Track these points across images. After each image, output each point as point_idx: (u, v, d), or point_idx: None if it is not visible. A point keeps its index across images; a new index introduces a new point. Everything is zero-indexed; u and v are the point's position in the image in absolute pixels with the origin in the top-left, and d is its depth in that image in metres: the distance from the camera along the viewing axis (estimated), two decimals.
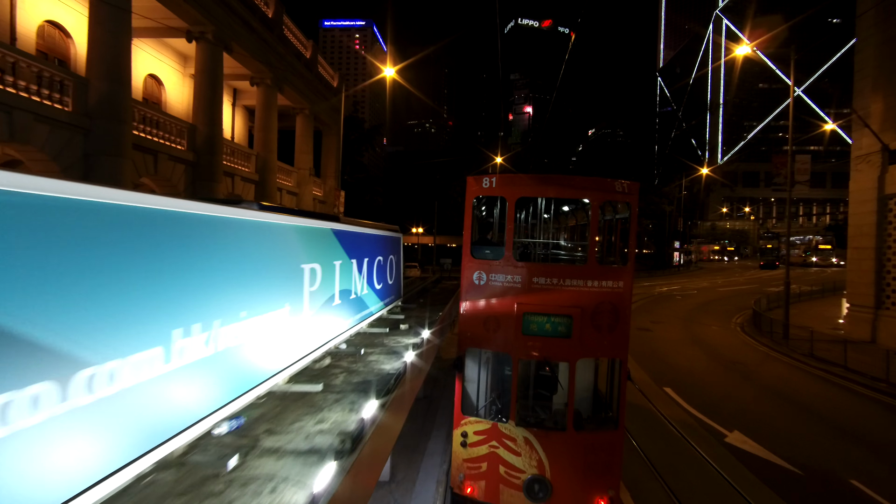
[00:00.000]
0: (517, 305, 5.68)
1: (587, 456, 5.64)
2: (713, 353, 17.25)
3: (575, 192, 6.25)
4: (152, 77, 19.73)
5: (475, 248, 6.09)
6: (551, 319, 5.64)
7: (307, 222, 4.41)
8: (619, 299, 5.67)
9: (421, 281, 15.30)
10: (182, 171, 16.51)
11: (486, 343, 5.85)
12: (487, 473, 5.69)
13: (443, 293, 11.97)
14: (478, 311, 5.82)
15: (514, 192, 6.05)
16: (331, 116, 28.90)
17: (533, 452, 5.61)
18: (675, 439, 9.35)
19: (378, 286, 5.94)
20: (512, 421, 5.70)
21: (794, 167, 19.23)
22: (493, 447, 5.70)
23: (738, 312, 27.01)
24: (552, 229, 7.26)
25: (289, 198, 25.01)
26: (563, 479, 5.55)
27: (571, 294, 5.66)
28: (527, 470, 5.61)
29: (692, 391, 12.41)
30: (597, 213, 5.91)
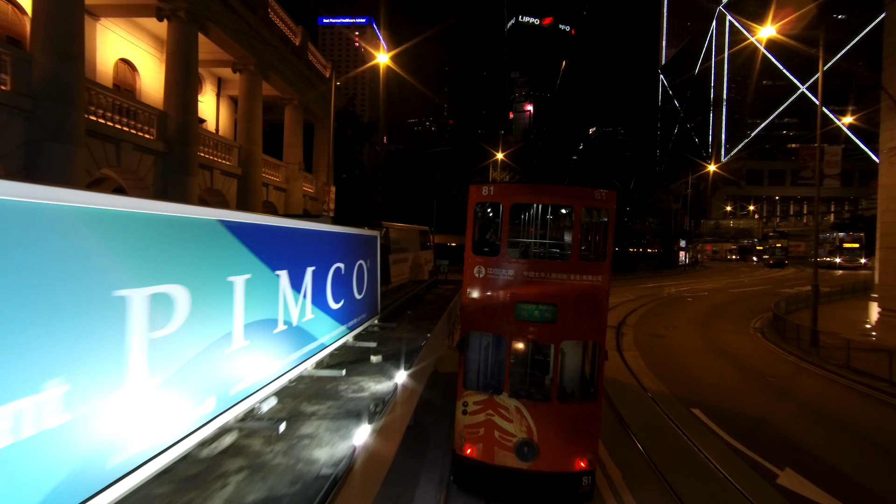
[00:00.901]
0: (510, 295, 6.68)
1: (569, 423, 6.62)
2: (738, 363, 15.64)
3: (560, 199, 7.33)
4: (125, 62, 18.11)
5: (476, 246, 7.00)
6: (539, 307, 6.63)
7: (137, 207, 2.32)
8: (598, 290, 6.65)
9: (413, 285, 13.65)
10: (151, 162, 14.90)
11: (485, 327, 6.82)
12: (484, 437, 6.65)
13: (437, 302, 10.23)
14: (478, 300, 6.76)
15: (508, 199, 6.92)
16: (323, 109, 27.25)
17: (523, 420, 6.58)
18: (717, 481, 7.74)
19: (336, 305, 4.08)
20: (505, 393, 6.67)
21: (821, 160, 17.56)
22: (490, 415, 6.65)
23: (755, 316, 25.40)
24: (543, 231, 8.20)
25: (276, 194, 23.40)
26: (547, 442, 6.53)
27: (557, 286, 6.64)
28: (517, 434, 6.58)
29: (725, 414, 10.80)
30: (579, 217, 6.85)
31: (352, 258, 4.45)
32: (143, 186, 14.89)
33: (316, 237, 3.57)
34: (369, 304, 5.12)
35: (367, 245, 5.01)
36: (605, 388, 11.99)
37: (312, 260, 3.43)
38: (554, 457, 6.56)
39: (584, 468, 6.62)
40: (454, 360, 13.54)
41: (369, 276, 5.03)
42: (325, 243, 3.74)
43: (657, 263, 61.39)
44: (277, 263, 2.99)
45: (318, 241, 3.61)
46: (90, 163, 12.62)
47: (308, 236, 3.50)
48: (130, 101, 14.07)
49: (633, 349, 17.00)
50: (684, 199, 56.99)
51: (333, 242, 3.99)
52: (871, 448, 9.37)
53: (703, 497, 7.26)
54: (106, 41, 16.72)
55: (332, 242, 3.97)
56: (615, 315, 24.16)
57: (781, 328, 20.25)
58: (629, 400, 11.50)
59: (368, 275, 5.02)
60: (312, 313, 3.43)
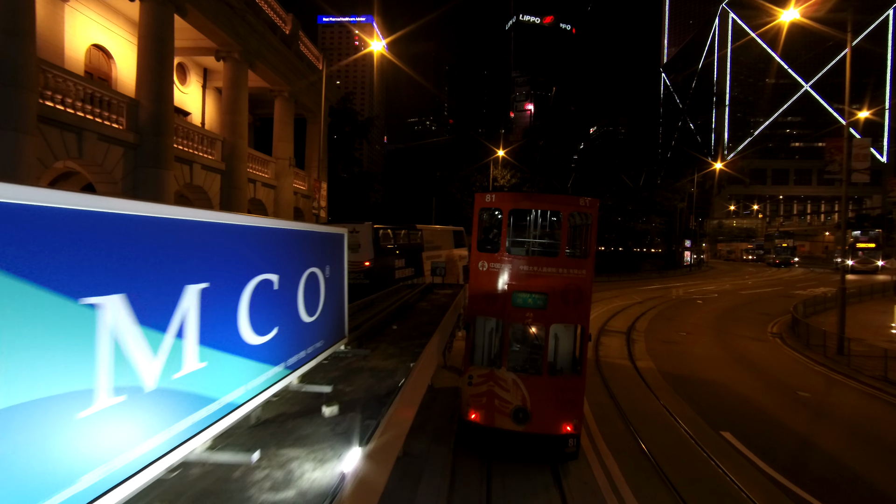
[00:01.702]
0: (508, 285, 7.84)
1: (557, 394, 7.61)
2: (762, 375, 14.30)
3: (551, 205, 8.54)
4: (98, 48, 16.81)
5: (480, 245, 8.29)
6: (532, 296, 7.73)
7: None
8: (583, 282, 7.73)
9: (407, 290, 12.31)
10: (120, 154, 13.59)
11: (487, 312, 8.06)
12: (486, 404, 7.71)
13: (430, 312, 8.55)
14: (481, 290, 7.97)
15: (507, 205, 8.24)
16: (316, 102, 25.91)
17: (518, 390, 7.59)
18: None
19: (261, 338, 2.68)
20: (504, 367, 7.74)
21: (849, 155, 16.25)
22: (491, 386, 7.70)
23: (770, 319, 24.06)
24: (537, 231, 9.30)
25: (265, 191, 22.09)
26: (539, 409, 7.54)
27: (547, 278, 7.73)
28: (513, 402, 7.59)
29: (759, 438, 9.47)
30: (566, 220, 7.92)
31: (295, 266, 3.09)
32: (111, 181, 13.58)
33: (213, 235, 2.19)
34: (329, 326, 3.77)
35: (327, 247, 3.66)
36: (620, 406, 10.68)
37: (203, 271, 2.10)
38: (544, 421, 7.65)
39: (570, 432, 7.70)
40: (451, 375, 12.14)
41: (329, 290, 3.69)
42: (234, 246, 2.37)
43: (662, 264, 60.03)
44: (93, 283, 1.66)
45: (220, 243, 2.23)
46: (46, 153, 11.31)
47: (191, 234, 2.07)
48: (94, 87, 12.76)
49: (646, 358, 15.68)
50: (689, 198, 55.60)
51: (255, 245, 2.59)
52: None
53: None
54: (76, 25, 15.42)
55: (254, 244, 2.58)
56: (624, 319, 22.84)
57: (804, 334, 18.90)
58: (651, 421, 10.18)
59: (328, 288, 3.68)
60: (203, 359, 2.09)
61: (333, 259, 3.77)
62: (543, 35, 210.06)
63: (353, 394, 3.51)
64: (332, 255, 3.78)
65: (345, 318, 4.11)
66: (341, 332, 4.04)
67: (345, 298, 4.07)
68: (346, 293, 4.07)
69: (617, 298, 30.58)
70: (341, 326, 4.02)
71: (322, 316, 3.49)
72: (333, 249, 3.83)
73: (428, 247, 19.72)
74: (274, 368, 2.78)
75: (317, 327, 3.40)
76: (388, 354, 4.81)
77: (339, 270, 3.93)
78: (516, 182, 49.23)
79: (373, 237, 15.66)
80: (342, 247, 4.05)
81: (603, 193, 49.70)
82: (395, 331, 6.39)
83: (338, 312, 3.91)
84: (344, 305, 4.07)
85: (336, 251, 3.89)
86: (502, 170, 48.21)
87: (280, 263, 2.87)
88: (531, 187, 49.25)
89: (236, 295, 2.41)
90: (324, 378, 3.77)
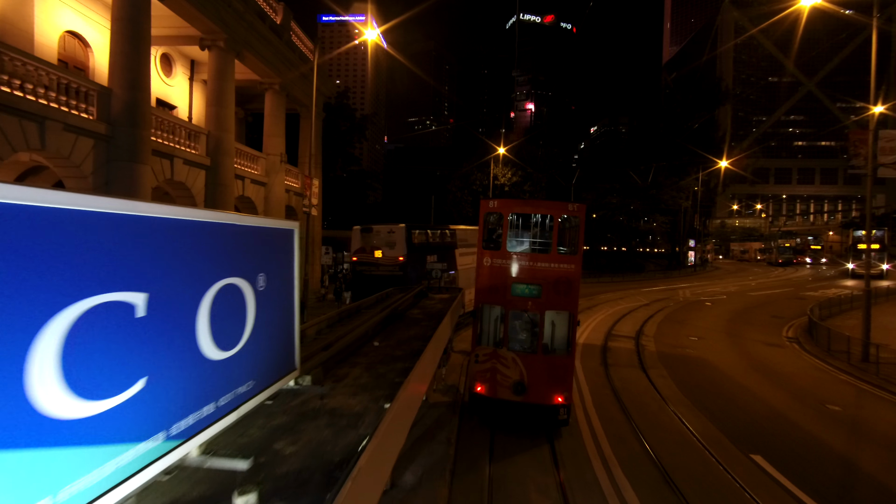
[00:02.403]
0: (508, 278, 9.46)
1: (549, 370, 9.18)
2: (786, 385, 13.22)
3: (544, 210, 10.07)
4: (73, 35, 15.77)
5: (485, 243, 9.93)
6: (528, 286, 9.35)
7: None
8: (572, 274, 9.27)
9: (399, 294, 11.24)
10: (89, 146, 12.54)
11: (491, 300, 9.62)
12: (490, 378, 9.34)
13: (422, 323, 7.70)
14: (487, 281, 9.63)
15: (507, 209, 9.97)
16: (309, 96, 24.83)
17: (517, 366, 9.21)
18: None
19: (125, 394, 1.67)
20: (505, 347, 9.35)
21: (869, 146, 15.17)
22: (494, 363, 9.33)
23: (783, 322, 22.99)
24: (533, 232, 10.25)
25: (254, 188, 21.02)
26: (534, 382, 9.12)
27: (541, 271, 9.33)
28: (513, 376, 9.19)
29: (794, 461, 8.41)
30: (557, 222, 9.51)
31: (188, 275, 2.02)
32: (80, 175, 12.53)
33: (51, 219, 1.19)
34: (264, 360, 2.68)
35: (265, 248, 2.60)
36: (635, 422, 9.64)
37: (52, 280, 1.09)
38: (538, 393, 9.01)
39: (561, 402, 8.98)
40: (444, 392, 11.07)
41: (265, 308, 2.60)
42: (34, 246, 1.38)
43: (666, 264, 58.92)
44: None
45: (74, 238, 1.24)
46: (1, 144, 10.27)
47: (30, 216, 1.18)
48: (60, 72, 11.70)
49: (659, 367, 14.61)
50: (694, 197, 54.48)
51: (94, 245, 1.54)
52: None
53: None
54: (47, 9, 14.38)
55: (88, 245, 1.50)
56: (631, 323, 21.77)
57: (823, 339, 17.82)
58: (670, 441, 9.11)
59: (264, 305, 2.59)
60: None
61: (275, 264, 2.70)
62: (544, 34, 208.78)
63: (293, 461, 2.39)
64: (273, 258, 2.71)
65: (294, 344, 3.03)
66: (288, 364, 2.97)
67: (294, 317, 3.00)
68: (295, 309, 3.00)
69: (622, 300, 29.50)
70: (288, 355, 2.95)
71: (251, 346, 2.43)
72: (275, 251, 2.75)
73: (461, 244, 22.65)
74: (133, 447, 1.71)
75: (239, 364, 2.35)
76: (360, 387, 3.68)
77: (285, 279, 2.87)
78: (518, 180, 48.15)
79: (406, 236, 17.78)
80: (291, 247, 2.98)
81: (607, 192, 48.63)
82: (375, 349, 5.27)
83: (282, 337, 2.85)
84: (293, 326, 2.99)
85: (280, 254, 2.81)
86: (503, 168, 47.11)
87: (152, 273, 1.80)
88: (533, 186, 48.15)
89: (28, 334, 1.32)
90: (255, 434, 2.67)
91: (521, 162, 46.48)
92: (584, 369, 13.97)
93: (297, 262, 3.03)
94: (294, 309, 3.02)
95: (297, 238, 3.05)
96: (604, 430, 9.46)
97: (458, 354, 14.33)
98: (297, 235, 3.06)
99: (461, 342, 16.62)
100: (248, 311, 2.49)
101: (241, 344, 2.42)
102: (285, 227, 2.99)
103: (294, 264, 3.01)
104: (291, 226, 3.05)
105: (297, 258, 3.03)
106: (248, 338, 2.48)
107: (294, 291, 3.02)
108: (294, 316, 3.03)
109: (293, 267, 3.01)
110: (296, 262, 3.02)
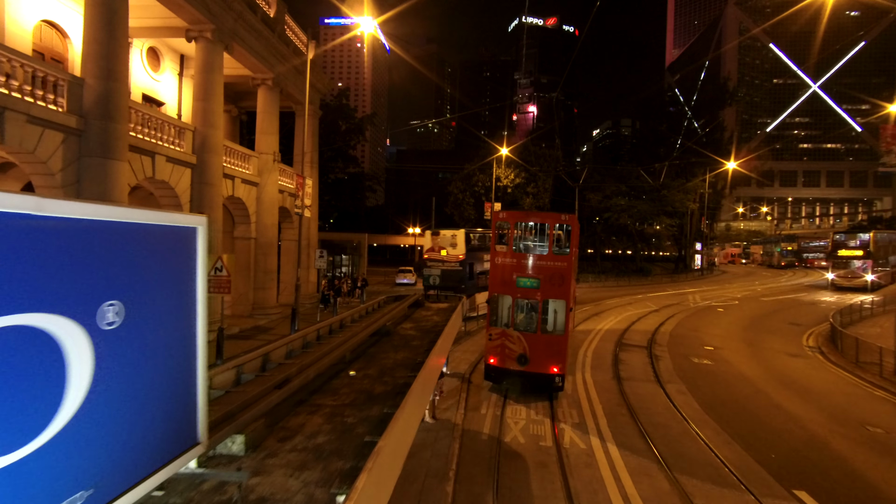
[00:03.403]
0: (514, 273, 11.64)
1: (546, 346, 11.40)
2: (817, 402, 12.07)
3: (542, 220, 13.29)
4: (51, 25, 14.82)
5: (496, 246, 12.25)
6: (530, 279, 11.50)
7: None
8: (565, 270, 11.44)
9: (394, 302, 10.13)
10: (58, 141, 11.52)
11: (502, 290, 11.87)
12: (500, 352, 11.63)
13: (412, 344, 6.54)
14: (498, 276, 11.93)
15: (513, 219, 12.31)
16: (304, 92, 23.85)
17: (521, 342, 11.46)
18: None
19: None
20: (512, 328, 11.61)
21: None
22: (503, 340, 11.63)
23: (803, 330, 21.79)
24: (534, 236, 12.88)
25: (245, 188, 19.99)
26: (535, 355, 11.34)
27: (540, 268, 11.52)
28: (518, 350, 11.44)
29: (845, 499, 7.26)
30: (552, 229, 12.05)
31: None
32: (47, 172, 11.51)
33: None
34: (117, 446, 1.57)
35: (127, 255, 1.52)
36: (660, 452, 8.49)
37: None
38: (538, 364, 11.33)
39: (557, 372, 11.27)
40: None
41: (115, 355, 1.52)
42: None
43: (672, 267, 57.66)
44: None
45: None
46: None
47: None
48: (21, 59, 10.69)
49: (676, 381, 13.47)
50: (701, 199, 53.27)
51: None
52: None
53: None
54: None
55: None
56: (642, 330, 20.60)
57: (850, 350, 16.63)
58: (702, 476, 7.95)
59: (111, 350, 1.51)
60: None
61: (151, 285, 1.61)
62: (547, 37, 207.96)
63: None
64: (148, 275, 1.60)
65: (196, 404, 1.92)
66: (182, 437, 1.86)
67: (195, 363, 1.91)
68: (198, 350, 1.91)
69: (630, 306, 28.33)
70: (182, 424, 1.85)
71: (80, 431, 1.33)
72: (155, 263, 1.65)
73: None
74: None
75: (45, 470, 1.28)
76: (312, 452, 2.51)
77: (176, 306, 1.79)
78: (521, 182, 47.04)
79: (465, 238, 21.92)
80: (190, 255, 1.90)
81: (613, 194, 47.46)
82: (350, 381, 4.12)
83: (166, 399, 1.75)
84: (192, 377, 1.89)
85: (166, 267, 1.72)
86: (506, 169, 46.03)
87: None
88: (536, 187, 47.05)
89: None
90: None
91: (524, 163, 45.38)
92: (595, 385, 12.85)
93: (200, 275, 1.94)
94: (196, 350, 1.94)
95: (202, 240, 1.97)
96: (624, 462, 8.32)
97: (452, 378, 12.68)
98: (202, 235, 1.97)
99: (464, 352, 15.52)
100: (70, 369, 1.43)
101: (47, 435, 1.34)
102: (181, 223, 1.91)
103: (197, 279, 1.94)
104: (194, 222, 1.97)
105: (200, 270, 1.95)
106: (72, 420, 1.41)
107: (196, 323, 1.95)
108: (195, 360, 1.94)
109: (195, 284, 1.94)
110: (199, 275, 1.93)
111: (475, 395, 11.92)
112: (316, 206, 27.29)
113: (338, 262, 38.24)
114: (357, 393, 3.85)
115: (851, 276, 39.36)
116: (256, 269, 21.00)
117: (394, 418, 3.04)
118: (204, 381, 1.97)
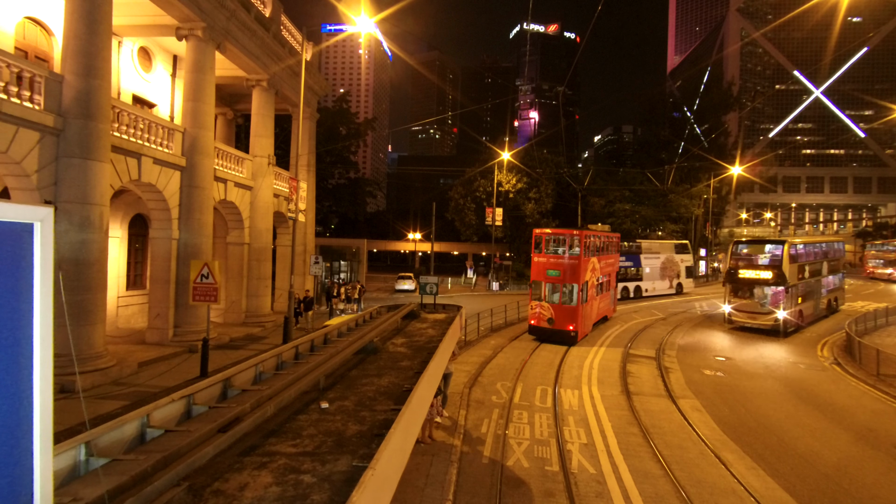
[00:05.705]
0: (544, 266, 19.27)
1: (564, 312, 18.52)
2: (841, 421, 11.26)
3: (560, 233, 19.83)
4: (35, 22, 14.27)
5: (535, 250, 19.99)
6: (555, 271, 18.88)
7: None
8: (576, 265, 18.57)
9: (388, 312, 9.41)
10: (34, 140, 10.90)
11: (538, 278, 19.50)
12: (537, 316, 19.16)
13: (401, 364, 5.48)
14: (536, 269, 19.76)
15: (543, 234, 20.12)
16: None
17: (550, 310, 18.73)
18: None
19: None
20: (544, 300, 19.11)
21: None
22: (539, 308, 19.10)
23: (816, 339, 20.93)
24: (556, 244, 19.72)
25: (238, 192, 19.35)
26: (558, 318, 18.54)
27: (560, 264, 18.88)
28: (547, 315, 18.76)
29: None
30: (567, 240, 19.13)
31: None
32: (21, 173, 10.87)
33: None
34: None
35: None
36: (678, 480, 7.71)
37: None
38: (560, 323, 18.45)
39: (572, 329, 18.28)
40: None
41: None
42: None
43: None
44: None
45: None
46: None
47: None
48: None
49: (690, 396, 12.68)
50: (705, 205, 52.46)
51: None
52: None
53: None
54: None
55: None
56: (650, 340, 19.79)
57: (869, 361, 15.81)
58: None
59: None
60: None
61: None
62: (548, 44, 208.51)
63: None
64: None
65: (31, 488, 1.24)
66: None
67: (31, 420, 1.20)
68: (34, 399, 1.21)
69: (636, 314, 27.51)
70: None
71: None
72: None
73: (646, 252, 35.00)
74: None
75: None
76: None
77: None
78: (523, 187, 46.43)
79: None
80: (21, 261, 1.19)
81: (617, 199, 46.79)
82: (319, 417, 3.34)
83: None
84: (26, 441, 1.19)
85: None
86: (507, 174, 45.41)
87: None
88: (539, 192, 46.43)
89: None
90: None
91: (526, 168, 44.78)
92: (603, 400, 12.07)
93: (39, 295, 1.24)
94: (31, 406, 1.23)
95: (41, 241, 1.28)
96: (639, 490, 7.54)
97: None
98: (38, 234, 1.28)
99: (461, 363, 14.75)
100: None
101: None
102: (4, 217, 1.21)
103: (34, 300, 1.24)
104: (27, 215, 1.28)
105: (39, 286, 1.25)
106: None
107: (32, 365, 1.24)
108: (28, 421, 1.23)
109: (30, 308, 1.24)
110: (36, 295, 1.24)
111: (475, 411, 11.16)
112: (313, 210, 26.61)
113: (336, 268, 37.51)
114: (324, 435, 3.07)
115: (752, 311, 23.19)
116: (250, 276, 20.32)
117: (360, 482, 2.24)
118: (44, 452, 1.26)
